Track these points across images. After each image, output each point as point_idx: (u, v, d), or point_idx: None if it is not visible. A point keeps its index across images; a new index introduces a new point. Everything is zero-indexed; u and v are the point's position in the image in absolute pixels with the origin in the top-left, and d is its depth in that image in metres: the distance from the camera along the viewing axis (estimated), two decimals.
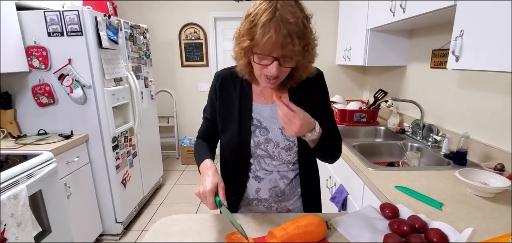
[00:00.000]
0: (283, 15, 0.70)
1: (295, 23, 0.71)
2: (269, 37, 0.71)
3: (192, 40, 3.80)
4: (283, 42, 0.72)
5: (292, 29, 0.71)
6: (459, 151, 1.40)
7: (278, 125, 0.91)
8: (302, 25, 0.73)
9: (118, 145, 2.20)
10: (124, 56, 2.33)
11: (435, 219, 0.89)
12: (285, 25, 0.70)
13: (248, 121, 0.92)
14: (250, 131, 0.91)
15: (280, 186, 0.95)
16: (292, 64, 0.79)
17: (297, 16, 0.72)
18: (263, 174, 0.95)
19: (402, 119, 2.19)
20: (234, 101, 0.93)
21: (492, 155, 1.35)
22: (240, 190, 0.97)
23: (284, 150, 0.91)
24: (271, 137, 0.91)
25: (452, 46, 1.15)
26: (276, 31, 0.71)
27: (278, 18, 0.71)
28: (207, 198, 0.78)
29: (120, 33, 2.23)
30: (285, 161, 0.93)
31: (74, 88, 1.94)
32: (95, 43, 1.92)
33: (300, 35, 0.72)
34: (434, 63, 1.80)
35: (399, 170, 1.35)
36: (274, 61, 0.76)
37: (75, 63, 1.93)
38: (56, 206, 1.67)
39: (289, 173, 0.95)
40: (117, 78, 2.20)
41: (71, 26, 1.87)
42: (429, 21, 1.64)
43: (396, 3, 1.59)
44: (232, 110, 0.93)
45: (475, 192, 1.09)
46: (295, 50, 0.74)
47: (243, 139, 0.91)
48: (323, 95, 0.95)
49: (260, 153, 0.92)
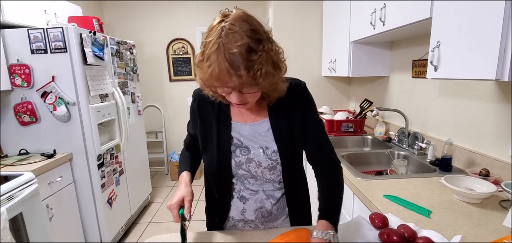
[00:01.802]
0: (227, 44, 0.64)
1: (239, 53, 0.64)
2: (212, 70, 0.66)
3: (180, 55, 3.81)
4: (227, 74, 0.66)
5: (235, 60, 0.64)
6: (444, 158, 1.43)
7: (259, 144, 0.86)
8: (247, 52, 0.65)
9: (103, 162, 2.14)
10: (110, 72, 2.30)
11: (424, 227, 0.90)
12: (228, 56, 0.64)
13: (228, 141, 0.87)
14: (230, 151, 0.87)
15: (266, 207, 0.90)
16: (255, 89, 0.73)
17: (242, 43, 0.64)
18: (248, 194, 0.91)
19: (388, 128, 2.23)
20: (212, 121, 0.89)
21: (476, 160, 1.39)
22: (224, 210, 0.94)
23: (267, 169, 0.87)
24: (252, 157, 0.86)
25: (430, 56, 1.19)
26: (218, 64, 0.65)
27: (221, 48, 0.65)
28: (171, 210, 0.80)
29: (106, 49, 2.20)
30: (269, 180, 0.90)
31: (57, 106, 1.89)
32: (80, 60, 1.89)
33: (247, 64, 0.65)
34: (415, 73, 1.87)
35: (387, 179, 1.37)
36: (233, 91, 0.71)
37: (59, 81, 1.89)
38: (38, 229, 1.59)
39: (275, 192, 0.91)
40: (102, 94, 2.16)
41: (55, 44, 1.84)
42: (408, 33, 1.70)
43: (376, 17, 1.65)
44: (210, 130, 0.89)
45: (462, 198, 1.11)
46: (244, 81, 0.67)
47: (222, 158, 0.87)
48: (308, 107, 0.88)
49: (243, 173, 0.88)
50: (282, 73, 0.77)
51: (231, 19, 0.67)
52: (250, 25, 0.67)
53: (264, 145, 0.86)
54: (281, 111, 0.86)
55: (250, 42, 0.65)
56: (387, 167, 1.80)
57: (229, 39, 0.64)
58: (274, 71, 0.71)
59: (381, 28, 1.62)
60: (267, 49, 0.69)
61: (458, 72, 1.07)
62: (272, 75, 0.71)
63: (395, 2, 1.47)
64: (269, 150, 0.85)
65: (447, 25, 1.12)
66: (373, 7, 1.68)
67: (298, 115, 0.87)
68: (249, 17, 0.69)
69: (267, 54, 0.69)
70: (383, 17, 1.59)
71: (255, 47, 0.66)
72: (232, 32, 0.65)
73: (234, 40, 0.64)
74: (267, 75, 0.69)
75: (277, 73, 0.73)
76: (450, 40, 1.10)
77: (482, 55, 0.94)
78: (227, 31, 0.65)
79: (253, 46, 0.65)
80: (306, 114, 0.88)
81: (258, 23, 0.70)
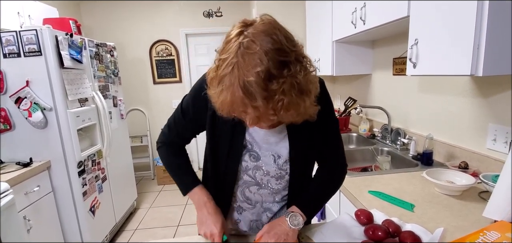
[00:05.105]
0: (242, 68, 0.53)
1: (255, 82, 0.52)
2: (224, 97, 0.56)
3: (163, 56, 3.74)
4: (241, 104, 0.55)
5: (251, 90, 0.53)
6: (425, 152, 1.47)
7: (271, 151, 0.79)
8: (267, 80, 0.53)
9: (84, 169, 2.06)
10: (89, 76, 2.22)
11: (408, 221, 0.92)
12: (242, 84, 0.53)
13: (240, 142, 0.79)
14: (241, 155, 0.80)
15: (262, 220, 0.90)
16: (276, 120, 0.60)
17: (262, 69, 0.52)
18: (245, 206, 0.89)
19: (372, 125, 2.28)
20: (228, 118, 0.79)
21: (455, 153, 1.44)
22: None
23: (274, 178, 0.83)
24: (261, 165, 0.81)
25: (409, 54, 1.22)
26: (231, 91, 0.54)
27: (235, 72, 0.53)
28: (215, 240, 0.78)
29: (84, 52, 2.13)
30: (273, 191, 0.86)
31: (33, 112, 1.81)
32: (56, 63, 1.81)
33: (265, 95, 0.53)
34: (396, 71, 1.91)
35: (372, 175, 1.39)
36: (250, 121, 0.61)
37: (34, 85, 1.81)
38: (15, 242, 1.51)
39: (273, 205, 0.89)
40: (82, 99, 2.08)
41: (29, 47, 1.76)
42: (388, 31, 1.74)
43: (357, 16, 1.68)
44: (224, 127, 0.78)
45: (443, 191, 1.14)
46: (261, 113, 0.56)
47: (231, 161, 0.81)
48: (326, 107, 0.77)
49: (247, 179, 0.84)
50: (312, 98, 0.61)
51: (252, 33, 0.54)
52: (274, 43, 0.54)
53: (276, 153, 0.81)
54: None
55: (272, 67, 0.52)
56: (371, 163, 1.84)
57: (246, 62, 0.52)
58: (299, 100, 0.57)
59: (362, 27, 1.65)
60: (294, 73, 0.54)
61: (435, 69, 1.10)
62: (296, 105, 0.57)
63: (374, 2, 1.50)
64: (281, 159, 0.81)
65: (423, 23, 1.15)
66: (353, 6, 1.71)
67: (317, 118, 0.71)
68: (275, 30, 0.56)
69: (293, 80, 0.54)
70: (363, 16, 1.61)
71: (276, 73, 0.53)
72: (251, 52, 0.53)
73: (253, 64, 0.52)
74: (290, 106, 0.56)
75: (304, 101, 0.58)
76: (427, 37, 1.13)
77: (457, 52, 0.97)
78: (244, 50, 0.53)
79: (274, 72, 0.53)
80: (324, 114, 0.75)
81: (286, 38, 0.56)
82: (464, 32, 0.94)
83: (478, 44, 0.90)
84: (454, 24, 0.98)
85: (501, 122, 1.19)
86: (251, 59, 0.52)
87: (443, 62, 1.05)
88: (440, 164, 1.48)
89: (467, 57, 0.93)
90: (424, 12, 1.14)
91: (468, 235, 0.72)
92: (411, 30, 1.22)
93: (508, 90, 1.15)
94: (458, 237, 0.76)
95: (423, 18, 1.15)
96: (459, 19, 0.96)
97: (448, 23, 1.01)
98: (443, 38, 1.04)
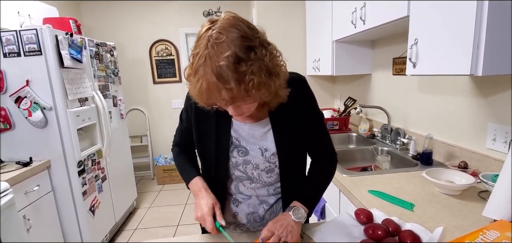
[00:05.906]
0: (213, 56, 0.58)
1: (226, 65, 0.58)
2: (201, 85, 0.61)
3: (163, 56, 3.73)
4: (216, 89, 0.61)
5: (223, 73, 0.58)
6: (425, 152, 1.47)
7: (258, 145, 0.83)
8: (236, 63, 0.58)
9: (84, 169, 2.06)
10: (89, 75, 2.22)
11: (408, 220, 0.92)
12: (215, 69, 0.58)
13: (226, 139, 0.83)
14: (229, 151, 0.84)
15: (259, 212, 0.90)
16: (250, 101, 0.66)
17: (230, 53, 0.58)
18: (241, 198, 0.90)
19: (372, 124, 2.28)
20: (211, 116, 0.83)
21: (455, 153, 1.44)
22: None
23: (264, 172, 0.86)
24: (249, 159, 0.84)
25: (409, 53, 1.23)
26: (206, 79, 0.60)
27: (207, 61, 0.59)
28: (206, 221, 0.77)
29: (84, 52, 2.13)
30: (265, 184, 0.88)
31: (32, 111, 1.81)
32: (56, 62, 1.81)
33: (236, 76, 0.59)
34: (396, 70, 1.91)
35: (372, 174, 1.39)
36: (227, 104, 0.67)
37: (34, 85, 1.81)
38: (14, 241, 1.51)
39: (269, 198, 0.90)
40: (82, 98, 2.08)
41: (29, 46, 1.76)
42: (388, 31, 1.74)
43: (357, 16, 1.68)
44: (208, 125, 0.84)
45: (442, 190, 1.14)
46: (235, 95, 0.62)
47: (220, 158, 0.85)
48: (308, 102, 0.85)
49: (239, 174, 0.87)
50: (281, 79, 0.68)
51: (218, 26, 0.61)
52: (239, 31, 0.60)
53: (263, 147, 0.84)
54: (282, 110, 0.80)
55: (239, 52, 0.59)
56: (371, 163, 1.84)
57: (215, 50, 0.58)
58: (269, 80, 0.63)
59: (362, 27, 1.65)
60: (260, 56, 0.61)
61: (435, 68, 1.10)
62: (267, 85, 0.63)
63: (374, 2, 1.50)
64: (268, 152, 0.84)
65: (423, 23, 1.15)
66: (353, 6, 1.71)
67: (300, 113, 0.83)
68: (238, 21, 0.63)
69: (260, 62, 0.61)
70: (363, 16, 1.61)
71: (244, 57, 0.59)
72: (219, 42, 0.59)
73: (221, 51, 0.58)
74: (260, 85, 0.62)
75: (274, 81, 0.65)
76: (427, 37, 1.13)
77: (457, 51, 0.98)
78: (213, 42, 0.59)
79: (242, 55, 0.59)
80: (307, 109, 0.85)
81: (248, 27, 0.63)
82: (464, 32, 0.94)
83: (478, 44, 0.90)
84: (454, 24, 0.99)
85: (500, 121, 1.20)
86: (220, 48, 0.59)
87: (443, 62, 1.05)
88: (439, 163, 1.48)
89: (467, 57, 0.93)
90: (424, 12, 1.14)
91: (468, 234, 0.72)
92: (411, 30, 1.22)
93: (507, 90, 1.15)
94: (458, 236, 0.76)
95: (422, 18, 1.15)
96: (459, 19, 0.96)
97: (448, 23, 1.01)
98: (443, 38, 1.04)
